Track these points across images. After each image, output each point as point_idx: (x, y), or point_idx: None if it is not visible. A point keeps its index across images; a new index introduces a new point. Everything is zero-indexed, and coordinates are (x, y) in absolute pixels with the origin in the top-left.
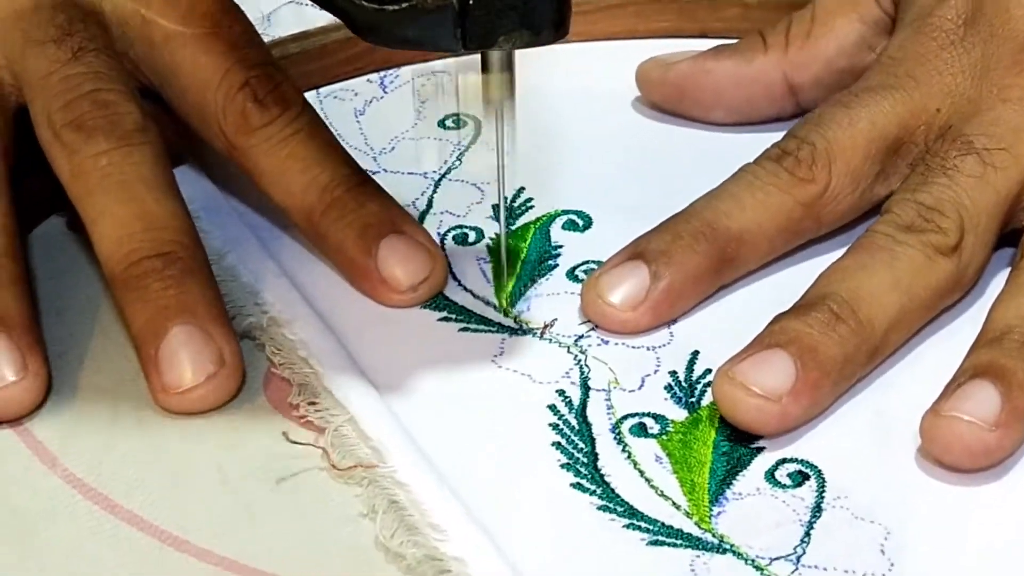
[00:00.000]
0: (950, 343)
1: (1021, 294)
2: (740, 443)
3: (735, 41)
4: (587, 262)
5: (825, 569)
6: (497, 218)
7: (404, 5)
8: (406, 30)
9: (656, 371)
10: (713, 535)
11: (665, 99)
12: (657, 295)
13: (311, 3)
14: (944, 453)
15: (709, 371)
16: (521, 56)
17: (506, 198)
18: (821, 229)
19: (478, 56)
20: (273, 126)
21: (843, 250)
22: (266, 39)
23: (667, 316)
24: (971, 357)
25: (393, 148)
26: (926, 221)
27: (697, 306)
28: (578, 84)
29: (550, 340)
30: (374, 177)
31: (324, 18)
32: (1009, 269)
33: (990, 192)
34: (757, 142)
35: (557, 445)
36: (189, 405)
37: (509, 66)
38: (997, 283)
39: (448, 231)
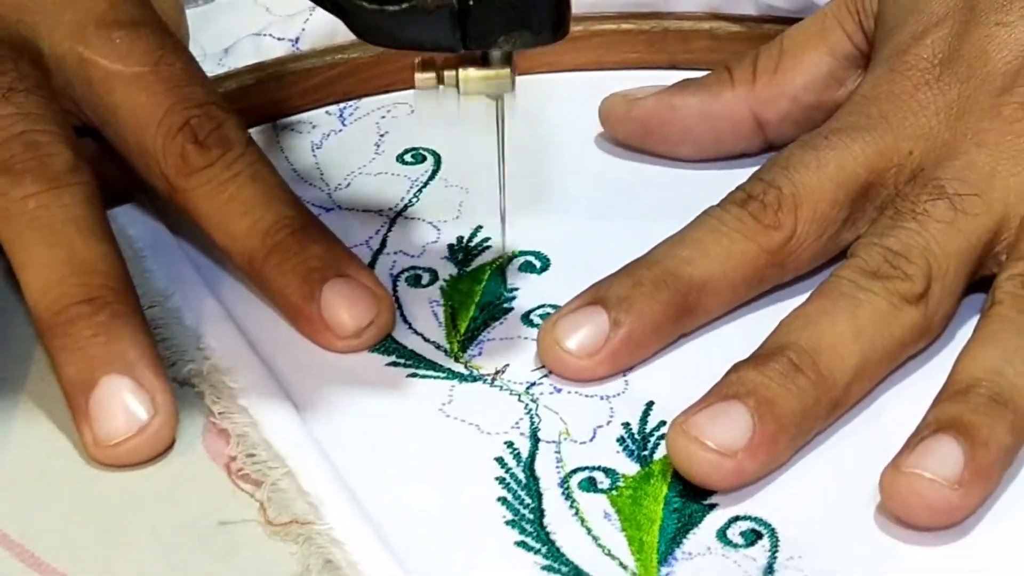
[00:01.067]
0: (914, 393)
1: (988, 345)
2: (692, 499)
3: (701, 75)
4: (543, 305)
5: None
6: (452, 258)
7: (404, 5)
8: (406, 30)
9: (609, 422)
10: None
11: (630, 136)
12: (616, 343)
13: (312, 3)
14: (904, 511)
15: (663, 423)
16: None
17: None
18: (785, 276)
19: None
20: (214, 168)
21: (807, 295)
22: (223, 70)
23: (625, 364)
24: (935, 410)
25: (349, 184)
26: (892, 267)
27: (655, 353)
28: (543, 117)
29: (501, 387)
30: (328, 214)
31: (282, 49)
32: (978, 317)
33: (960, 239)
34: (723, 180)
35: (503, 500)
36: (121, 458)
37: (509, 62)
38: (965, 332)
39: (401, 272)
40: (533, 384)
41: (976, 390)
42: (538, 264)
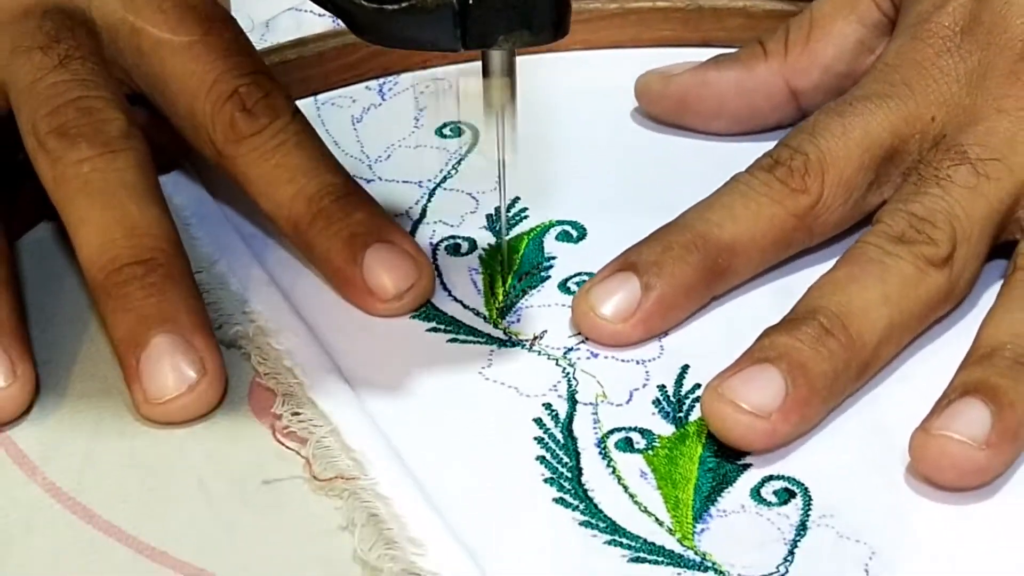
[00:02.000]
0: (942, 356)
1: (1013, 309)
2: (727, 459)
3: (733, 51)
4: (579, 274)
5: None
6: (491, 227)
7: (404, 4)
8: (406, 29)
9: (645, 385)
10: (695, 552)
11: (666, 112)
12: (648, 307)
13: (312, 3)
14: (933, 472)
15: (698, 386)
16: (523, 62)
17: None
18: (813, 239)
19: (479, 62)
20: (261, 135)
21: (835, 259)
22: (264, 45)
23: (658, 328)
24: (962, 374)
25: (389, 156)
26: (917, 232)
27: (688, 318)
28: (579, 92)
29: (539, 352)
30: (369, 186)
31: (323, 24)
32: (1001, 282)
33: (983, 203)
34: (757, 151)
35: (541, 459)
36: (171, 415)
37: (510, 71)
38: (990, 295)
39: (441, 241)
40: (570, 349)
41: (1001, 353)
42: (575, 233)
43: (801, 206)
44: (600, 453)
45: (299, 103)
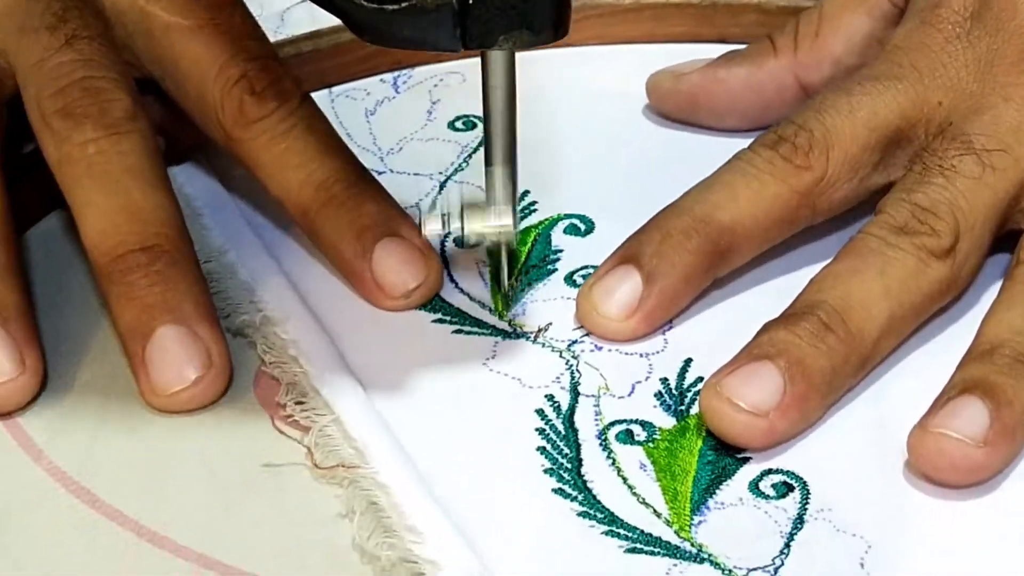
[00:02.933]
0: (944, 351)
1: (1014, 307)
2: (726, 452)
3: (742, 47)
4: (586, 267)
5: None
6: None
7: (404, 4)
8: (405, 29)
9: (647, 378)
10: (692, 544)
11: (678, 109)
12: (651, 302)
13: (313, 3)
14: (931, 469)
15: (701, 379)
16: (536, 57)
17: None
18: (817, 217)
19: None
20: (270, 119)
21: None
22: (279, 38)
23: (662, 319)
24: (961, 371)
25: (401, 149)
26: (920, 223)
27: (693, 311)
28: (592, 88)
29: (543, 344)
30: (381, 177)
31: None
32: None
33: (987, 194)
34: None
35: (542, 450)
36: (178, 406)
37: (510, 71)
38: (995, 288)
39: (449, 233)
40: (574, 342)
41: (1001, 351)
42: (582, 227)
43: (805, 183)
44: (600, 445)
45: (314, 96)
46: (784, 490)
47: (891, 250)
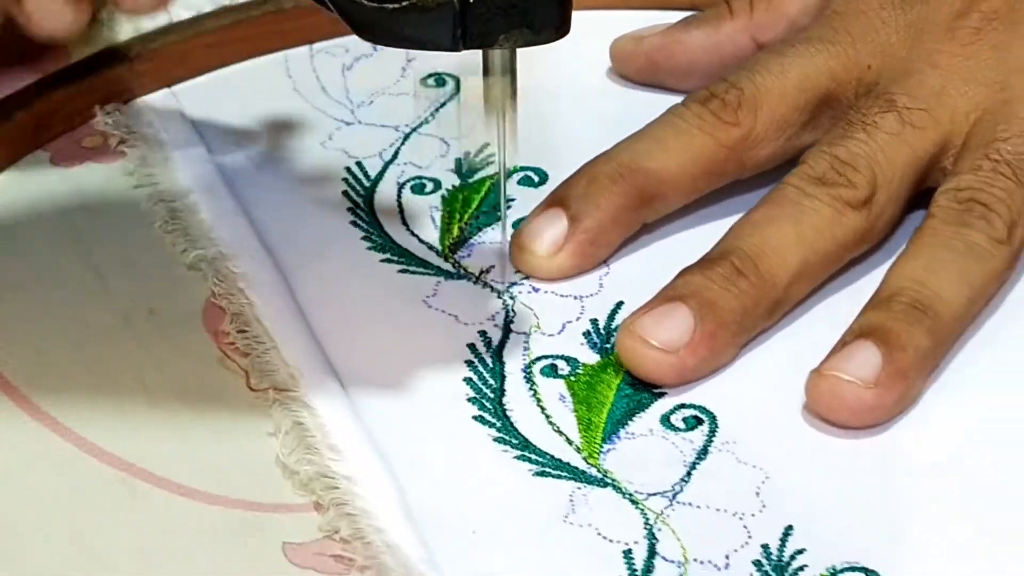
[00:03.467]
0: (860, 300)
1: (917, 256)
2: (644, 389)
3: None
4: None
5: (698, 507)
6: (458, 171)
7: (404, 3)
8: (405, 29)
9: (579, 318)
10: (598, 470)
11: (640, 72)
12: (578, 239)
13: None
14: (825, 410)
15: None
16: None
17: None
18: (745, 172)
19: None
20: None
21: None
22: None
23: (591, 258)
24: (860, 318)
25: (372, 102)
26: (838, 174)
27: (631, 259)
28: (561, 52)
29: (483, 285)
30: (349, 128)
31: None
32: None
33: (906, 149)
34: None
35: (468, 380)
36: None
37: (511, 70)
38: None
39: (408, 180)
40: (513, 284)
41: (898, 298)
42: (536, 178)
43: (732, 138)
44: (525, 377)
45: (295, 52)
46: (694, 423)
47: (808, 200)
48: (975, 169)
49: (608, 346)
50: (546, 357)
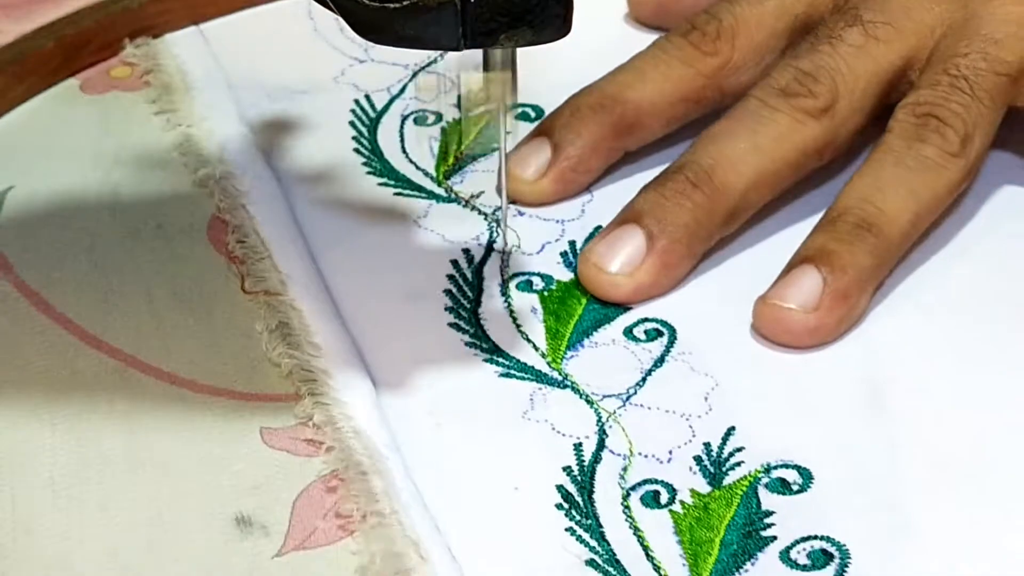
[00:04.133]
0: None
1: (866, 175)
2: (612, 304)
3: None
4: None
5: (649, 408)
6: (459, 107)
7: (406, 3)
8: (407, 28)
9: (558, 240)
10: (559, 373)
11: (652, 16)
12: (560, 165)
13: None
14: (770, 335)
15: None
16: None
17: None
18: (726, 100)
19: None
20: None
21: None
22: None
23: (573, 184)
24: (807, 240)
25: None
26: (800, 85)
27: (613, 185)
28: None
29: (472, 208)
30: (361, 66)
31: None
32: None
33: (868, 61)
34: None
35: (447, 292)
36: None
37: (511, 65)
38: None
39: (411, 113)
40: (500, 207)
41: (844, 218)
42: (532, 114)
43: (710, 67)
44: (500, 291)
45: None
46: (655, 335)
47: (766, 110)
48: (933, 84)
49: None
50: (523, 274)
